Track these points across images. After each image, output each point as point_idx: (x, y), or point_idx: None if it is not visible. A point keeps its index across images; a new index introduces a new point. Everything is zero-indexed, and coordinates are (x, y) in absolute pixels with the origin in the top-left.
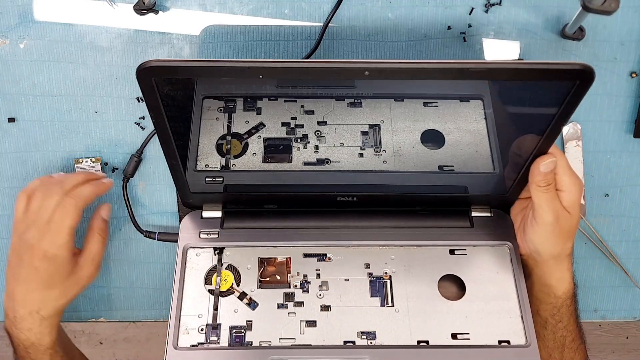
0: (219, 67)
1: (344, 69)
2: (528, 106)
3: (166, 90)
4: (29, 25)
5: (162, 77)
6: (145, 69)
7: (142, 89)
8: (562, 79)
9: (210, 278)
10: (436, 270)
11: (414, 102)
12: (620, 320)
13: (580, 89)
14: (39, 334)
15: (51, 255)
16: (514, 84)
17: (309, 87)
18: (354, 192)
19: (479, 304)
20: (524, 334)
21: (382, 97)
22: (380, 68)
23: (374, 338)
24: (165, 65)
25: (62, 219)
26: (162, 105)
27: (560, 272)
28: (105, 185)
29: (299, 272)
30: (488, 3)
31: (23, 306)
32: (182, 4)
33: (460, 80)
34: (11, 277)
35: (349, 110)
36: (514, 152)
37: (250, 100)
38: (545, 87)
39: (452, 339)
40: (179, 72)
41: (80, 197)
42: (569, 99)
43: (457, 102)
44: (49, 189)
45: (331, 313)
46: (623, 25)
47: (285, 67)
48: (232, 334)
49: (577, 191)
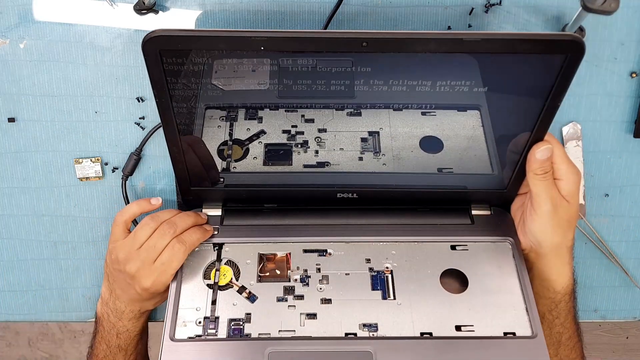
0: (223, 36)
1: (342, 39)
2: (522, 89)
3: (171, 67)
4: (29, 25)
5: (168, 48)
6: (151, 39)
7: (147, 62)
8: (553, 52)
9: (209, 273)
10: (438, 265)
11: (412, 111)
12: (620, 320)
13: (571, 63)
14: (137, 323)
15: (154, 291)
16: (507, 62)
17: (309, 94)
18: (354, 189)
19: (482, 297)
20: (530, 326)
21: (380, 108)
22: (378, 38)
23: (376, 330)
24: (171, 34)
25: (170, 262)
26: (166, 82)
27: (560, 265)
28: (209, 232)
29: (298, 267)
30: (488, 3)
31: (126, 306)
32: (182, 4)
33: (455, 53)
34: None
35: (349, 119)
36: (511, 148)
37: (252, 110)
38: (538, 65)
39: (456, 331)
40: (185, 43)
41: (190, 244)
42: (561, 75)
43: (454, 111)
44: (162, 229)
45: (332, 306)
46: (623, 25)
47: (288, 37)
48: (230, 326)
49: (575, 180)
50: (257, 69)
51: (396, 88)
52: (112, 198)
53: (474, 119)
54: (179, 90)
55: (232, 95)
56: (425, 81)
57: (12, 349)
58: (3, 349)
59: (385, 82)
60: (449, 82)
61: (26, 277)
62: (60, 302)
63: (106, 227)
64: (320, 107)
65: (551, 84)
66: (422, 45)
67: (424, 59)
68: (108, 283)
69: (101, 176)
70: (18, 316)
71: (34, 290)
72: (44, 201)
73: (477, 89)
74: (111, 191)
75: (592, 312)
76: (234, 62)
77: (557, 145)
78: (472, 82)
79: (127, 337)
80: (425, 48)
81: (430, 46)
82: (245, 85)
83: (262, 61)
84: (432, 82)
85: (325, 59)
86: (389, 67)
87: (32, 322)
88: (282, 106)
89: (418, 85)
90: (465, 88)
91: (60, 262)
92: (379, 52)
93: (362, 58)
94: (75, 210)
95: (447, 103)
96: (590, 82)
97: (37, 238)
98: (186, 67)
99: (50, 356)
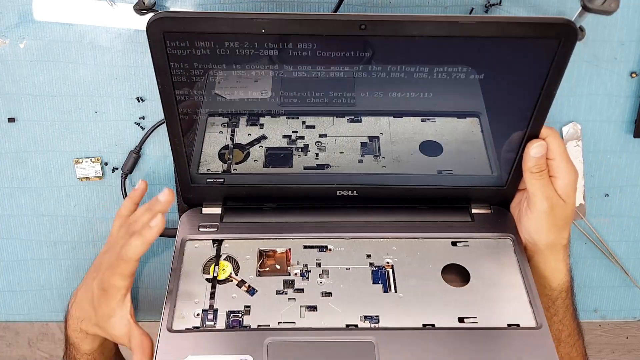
0: (226, 18)
1: (341, 21)
2: (517, 77)
3: (174, 51)
4: (29, 25)
5: (172, 30)
6: (155, 20)
7: (150, 46)
8: (546, 36)
9: (208, 268)
10: (439, 260)
11: (412, 119)
12: (620, 320)
13: (564, 49)
14: (78, 339)
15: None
16: (502, 49)
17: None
18: (354, 187)
19: (484, 291)
20: (534, 317)
21: (381, 115)
22: (376, 21)
23: (377, 322)
24: (175, 16)
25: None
26: (169, 67)
27: (555, 262)
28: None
29: (298, 262)
30: (488, 3)
31: (75, 309)
32: (182, 4)
33: (451, 37)
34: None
35: (349, 125)
36: (508, 146)
37: (253, 117)
38: (533, 53)
39: (459, 322)
40: (189, 25)
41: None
42: (555, 61)
43: (454, 118)
44: (124, 225)
45: (332, 298)
46: (623, 25)
47: (289, 19)
48: (229, 318)
49: (572, 179)
50: (259, 79)
51: (396, 99)
52: (112, 198)
53: (474, 125)
54: (182, 77)
55: (234, 103)
56: (423, 66)
57: (12, 349)
58: (3, 349)
59: (385, 94)
60: (445, 68)
61: (26, 277)
62: (60, 302)
63: (106, 227)
64: (321, 115)
65: (546, 72)
66: (419, 28)
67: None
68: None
69: (101, 176)
70: (18, 316)
71: (34, 290)
72: (44, 201)
73: (473, 76)
74: (111, 191)
75: (592, 312)
76: (237, 75)
77: (554, 141)
78: (468, 69)
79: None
80: (422, 31)
81: (427, 29)
82: (248, 94)
83: (265, 71)
84: (432, 94)
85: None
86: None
87: (32, 322)
88: (284, 114)
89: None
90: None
91: (60, 262)
92: (378, 36)
93: (363, 68)
94: (75, 210)
95: (447, 110)
96: (590, 82)
97: (37, 238)
98: (190, 52)
99: (50, 356)
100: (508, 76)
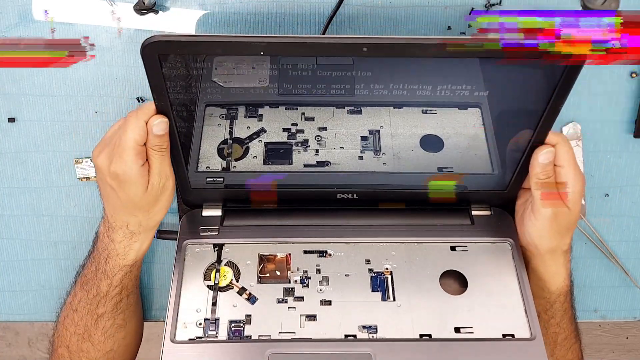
0: (222, 42)
1: (342, 44)
2: (524, 90)
3: (170, 72)
4: (29, 25)
5: (166, 53)
6: (150, 44)
7: (146, 67)
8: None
9: (209, 274)
10: (437, 266)
11: (412, 110)
12: (620, 320)
13: (573, 69)
14: (127, 248)
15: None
16: (509, 67)
17: (310, 93)
18: (354, 189)
19: (481, 299)
20: (529, 328)
21: (381, 105)
22: (378, 44)
23: (375, 332)
24: (170, 40)
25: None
26: (166, 86)
27: (555, 267)
28: None
29: (299, 268)
30: (488, 3)
31: (114, 221)
32: (182, 3)
33: (454, 58)
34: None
35: (349, 117)
36: (512, 148)
37: (252, 108)
38: (541, 69)
39: (455, 333)
40: (184, 48)
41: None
42: (564, 79)
43: (455, 109)
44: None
45: (332, 307)
46: None
47: (287, 42)
48: (230, 328)
49: (579, 186)
50: (257, 66)
51: (396, 92)
52: None
53: (475, 116)
54: (179, 94)
55: (232, 92)
56: (426, 85)
57: (12, 349)
58: (3, 349)
59: (385, 86)
60: (449, 86)
61: (26, 277)
62: (60, 302)
63: None
64: (320, 105)
65: (554, 86)
66: (422, 50)
67: (424, 63)
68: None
69: None
70: (18, 316)
71: (34, 290)
72: (44, 201)
73: (477, 93)
74: None
75: (592, 312)
76: (235, 60)
77: (562, 147)
78: (472, 85)
79: (115, 264)
80: (425, 53)
81: (431, 51)
82: (246, 82)
83: (263, 60)
84: (432, 86)
85: (325, 64)
86: (389, 70)
87: (32, 322)
88: (283, 104)
89: (419, 89)
90: (466, 92)
91: (60, 262)
92: (380, 57)
93: (362, 61)
94: (75, 210)
95: (448, 101)
96: (590, 82)
97: (37, 238)
98: (186, 71)
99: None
100: (514, 90)
